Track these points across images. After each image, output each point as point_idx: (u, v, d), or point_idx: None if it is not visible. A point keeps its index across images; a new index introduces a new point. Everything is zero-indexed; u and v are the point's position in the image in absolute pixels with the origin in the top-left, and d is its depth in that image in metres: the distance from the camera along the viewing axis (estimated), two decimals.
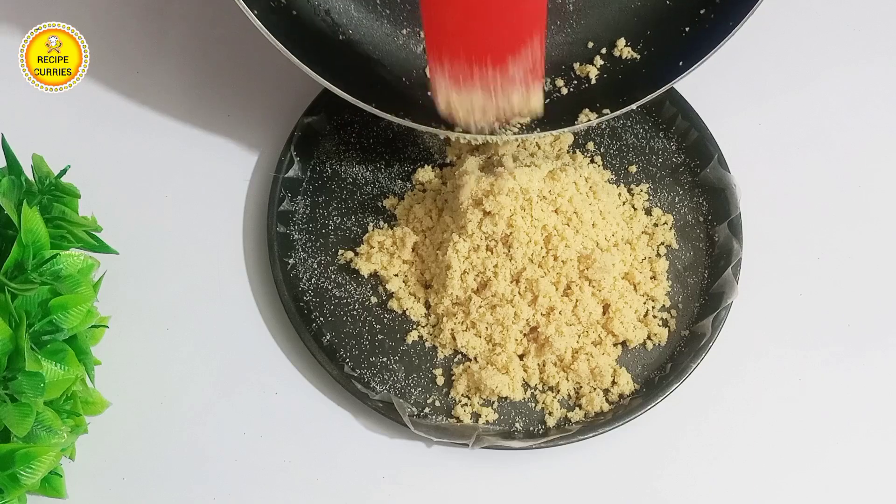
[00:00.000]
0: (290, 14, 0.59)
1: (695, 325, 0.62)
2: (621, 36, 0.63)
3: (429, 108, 0.60)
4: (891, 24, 0.73)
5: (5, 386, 0.50)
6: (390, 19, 0.62)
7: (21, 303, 0.51)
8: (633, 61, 0.63)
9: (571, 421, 0.60)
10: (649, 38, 0.63)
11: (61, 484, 0.55)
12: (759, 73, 0.71)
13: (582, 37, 0.64)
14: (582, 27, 0.64)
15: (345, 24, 0.62)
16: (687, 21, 0.61)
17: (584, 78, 0.64)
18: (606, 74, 0.63)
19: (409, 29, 0.62)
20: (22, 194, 0.55)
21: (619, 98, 0.61)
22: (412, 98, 0.61)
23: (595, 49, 0.64)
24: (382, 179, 0.66)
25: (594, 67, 0.63)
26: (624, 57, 0.63)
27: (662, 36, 0.62)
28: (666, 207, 0.65)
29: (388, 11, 0.62)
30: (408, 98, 0.61)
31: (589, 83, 0.64)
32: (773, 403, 0.61)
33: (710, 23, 0.60)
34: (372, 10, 0.62)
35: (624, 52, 0.63)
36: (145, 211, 0.65)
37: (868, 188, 0.68)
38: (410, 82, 0.62)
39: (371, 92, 0.59)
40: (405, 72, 0.62)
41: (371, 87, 0.60)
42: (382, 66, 0.62)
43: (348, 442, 0.60)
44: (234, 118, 0.68)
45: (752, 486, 0.59)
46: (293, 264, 0.63)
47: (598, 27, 0.64)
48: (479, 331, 0.60)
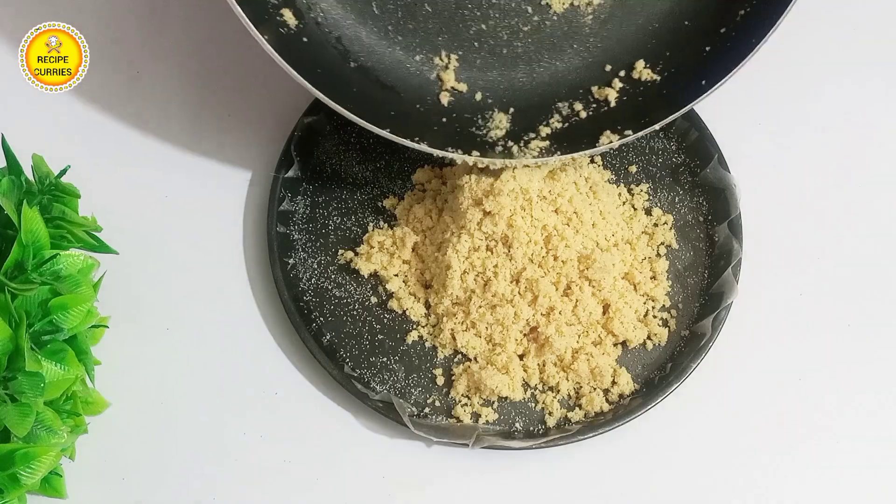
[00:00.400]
0: (301, 41, 0.59)
1: (695, 325, 0.62)
2: (640, 58, 0.62)
3: (444, 133, 0.60)
4: (891, 24, 0.73)
5: (5, 386, 0.50)
6: (402, 46, 0.61)
7: (21, 303, 0.51)
8: (653, 83, 0.62)
9: (571, 421, 0.60)
10: (669, 58, 0.61)
11: (61, 484, 0.55)
12: (760, 73, 0.70)
13: (600, 60, 0.62)
14: (599, 50, 0.63)
15: (356, 51, 0.61)
16: (707, 41, 0.60)
17: (604, 101, 0.62)
18: (626, 97, 0.62)
19: (423, 55, 0.62)
20: (22, 194, 0.55)
21: (641, 120, 0.60)
22: (427, 123, 0.60)
23: (613, 72, 0.62)
24: (382, 179, 0.66)
25: (613, 90, 0.62)
26: (643, 79, 0.62)
27: (682, 56, 0.61)
28: (666, 207, 0.65)
29: (400, 38, 0.61)
30: (423, 123, 0.60)
31: (609, 106, 0.62)
32: (774, 403, 0.61)
33: (731, 41, 0.59)
34: (384, 37, 0.61)
35: (643, 73, 0.62)
36: (145, 211, 0.65)
37: (868, 188, 0.67)
38: (425, 108, 0.61)
39: (385, 118, 0.59)
40: (419, 98, 0.61)
41: (384, 112, 0.59)
42: (396, 93, 0.61)
43: (348, 442, 0.60)
44: (234, 118, 0.68)
45: (752, 485, 0.59)
46: (293, 264, 0.63)
47: (615, 50, 0.62)
48: (479, 331, 0.60)
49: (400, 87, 0.61)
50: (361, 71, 0.61)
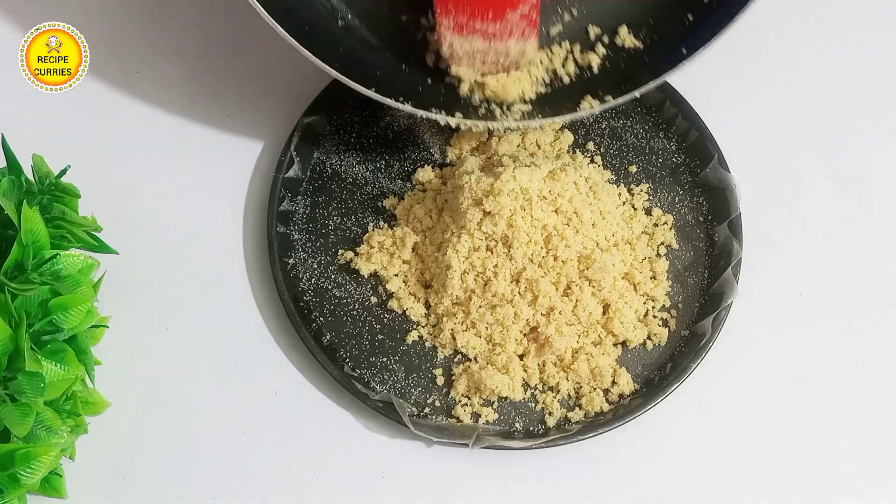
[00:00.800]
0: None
1: (695, 325, 0.62)
2: (623, 24, 0.63)
3: (428, 94, 0.60)
4: (891, 24, 0.73)
5: (5, 386, 0.50)
6: (389, 5, 0.62)
7: (21, 303, 0.51)
8: (636, 50, 0.63)
9: (571, 421, 0.60)
10: (652, 25, 0.63)
11: (61, 484, 0.55)
12: (760, 73, 0.70)
13: (584, 24, 0.64)
14: (584, 15, 0.64)
15: (344, 10, 0.62)
16: (690, 8, 0.61)
17: (587, 67, 0.63)
18: (609, 63, 0.63)
19: (408, 16, 0.62)
20: (22, 194, 0.55)
21: (622, 86, 0.61)
22: (412, 84, 0.61)
23: (597, 37, 0.64)
24: (382, 179, 0.66)
25: (597, 57, 0.63)
26: (626, 46, 0.63)
27: (665, 23, 0.62)
28: (666, 207, 0.65)
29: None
30: (407, 84, 0.61)
31: (591, 72, 0.63)
32: (773, 403, 0.61)
33: (712, 10, 0.60)
34: None
35: (626, 40, 0.63)
36: (145, 211, 0.65)
37: (868, 188, 0.67)
38: (410, 69, 0.62)
39: (370, 78, 0.59)
40: (404, 58, 0.62)
41: (370, 72, 0.60)
42: (382, 53, 0.62)
43: (348, 442, 0.60)
44: (234, 118, 0.68)
45: (752, 485, 0.59)
46: (293, 264, 0.63)
47: (599, 14, 0.64)
48: (479, 331, 0.60)
49: (386, 47, 0.62)
50: (348, 30, 0.62)
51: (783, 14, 0.72)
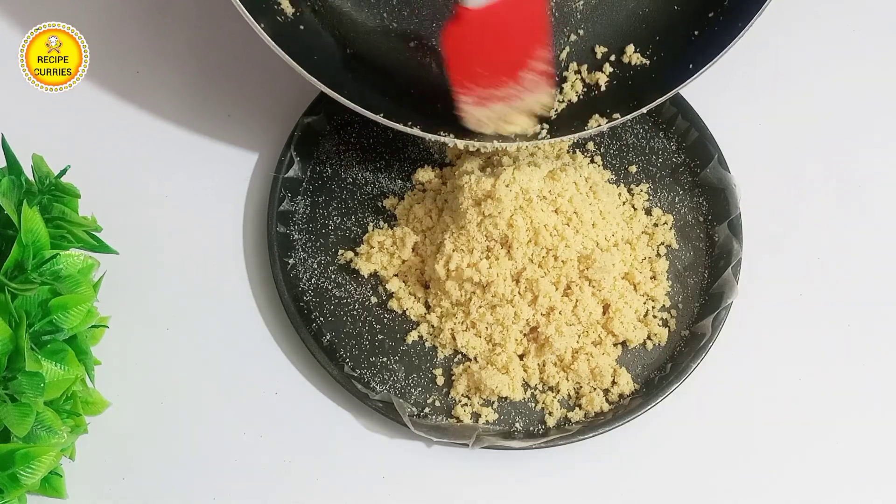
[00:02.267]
0: (298, 29, 0.59)
1: (695, 325, 0.62)
2: (630, 42, 0.63)
3: (435, 116, 0.60)
4: (891, 24, 0.73)
5: (5, 386, 0.50)
6: (398, 33, 0.62)
7: (21, 303, 0.51)
8: (642, 67, 0.63)
9: (571, 421, 0.60)
10: (658, 43, 0.63)
11: (61, 484, 0.55)
12: (760, 74, 0.70)
13: (590, 44, 0.64)
14: (590, 35, 0.64)
15: (352, 38, 0.62)
16: (696, 25, 0.61)
17: (594, 86, 0.63)
18: (616, 81, 0.63)
19: (416, 42, 0.62)
20: (22, 194, 0.55)
21: (630, 103, 0.61)
22: (419, 108, 0.61)
23: (604, 56, 0.64)
24: (382, 179, 0.66)
25: (604, 75, 0.63)
26: (633, 63, 0.63)
27: (671, 41, 0.62)
28: (666, 207, 0.65)
29: (395, 25, 0.62)
30: (416, 108, 0.61)
31: (599, 90, 0.63)
32: (773, 403, 0.61)
33: (718, 25, 0.60)
34: (379, 24, 0.62)
35: (633, 58, 0.63)
36: (145, 211, 0.65)
37: (868, 188, 0.68)
38: (417, 93, 0.62)
39: (378, 102, 0.59)
40: (412, 83, 0.62)
41: (378, 98, 0.60)
42: (390, 78, 0.62)
43: (348, 442, 0.60)
44: (234, 118, 0.68)
45: (752, 485, 0.59)
46: (293, 264, 0.63)
47: (606, 34, 0.64)
48: (479, 331, 0.60)
49: (394, 73, 0.62)
50: (357, 57, 0.61)
51: (783, 14, 0.72)
